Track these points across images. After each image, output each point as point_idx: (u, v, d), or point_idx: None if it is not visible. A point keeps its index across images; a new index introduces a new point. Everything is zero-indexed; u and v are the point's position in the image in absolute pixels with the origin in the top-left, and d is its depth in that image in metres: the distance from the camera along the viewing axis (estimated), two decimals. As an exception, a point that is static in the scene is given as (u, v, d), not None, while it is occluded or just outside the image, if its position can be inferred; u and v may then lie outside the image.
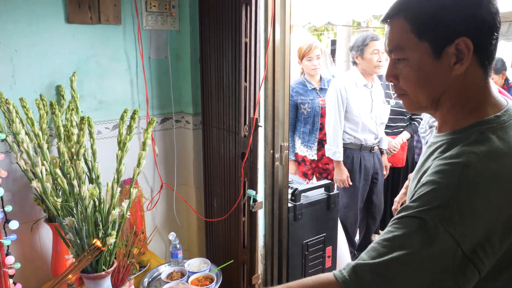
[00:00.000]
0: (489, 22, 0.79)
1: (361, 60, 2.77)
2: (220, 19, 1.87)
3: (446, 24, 0.79)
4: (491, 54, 0.82)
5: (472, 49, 0.79)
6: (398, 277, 0.74)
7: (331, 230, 2.30)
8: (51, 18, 1.74)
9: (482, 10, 0.78)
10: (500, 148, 0.76)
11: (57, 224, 1.52)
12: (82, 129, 1.33)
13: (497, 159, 0.75)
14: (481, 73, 0.83)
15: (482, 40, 0.80)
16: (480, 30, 0.79)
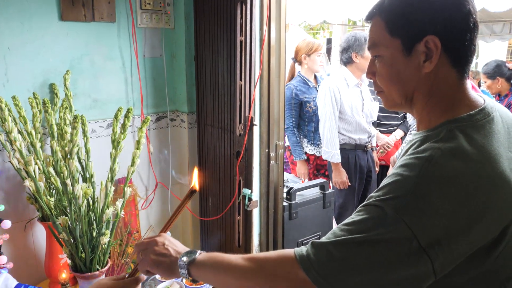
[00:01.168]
0: (459, 23, 0.80)
1: (361, 59, 2.74)
2: (215, 17, 1.86)
3: (416, 23, 0.81)
4: (464, 56, 0.83)
5: (440, 48, 0.81)
6: (351, 257, 0.76)
7: (326, 229, 2.31)
8: (44, 16, 1.72)
9: (451, 11, 0.80)
10: (465, 146, 0.77)
11: (51, 224, 1.51)
12: (75, 128, 1.32)
13: (460, 157, 0.76)
14: (454, 73, 0.84)
15: (452, 40, 0.81)
16: (450, 30, 0.80)
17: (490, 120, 0.83)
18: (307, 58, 3.04)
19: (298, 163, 3.13)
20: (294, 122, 3.04)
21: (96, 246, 1.43)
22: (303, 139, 3.12)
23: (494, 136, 0.81)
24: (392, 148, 3.11)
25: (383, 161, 3.15)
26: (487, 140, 0.79)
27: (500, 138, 0.82)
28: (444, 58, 0.82)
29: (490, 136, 0.81)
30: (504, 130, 0.84)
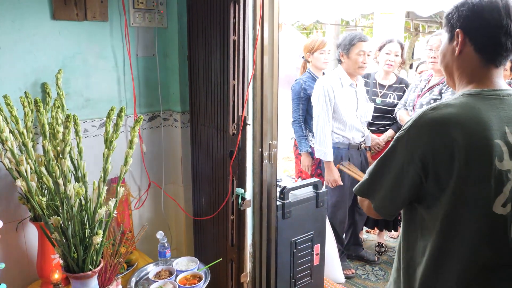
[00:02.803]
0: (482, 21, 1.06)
1: (346, 59, 2.78)
2: (208, 16, 1.86)
3: (452, 21, 1.12)
4: (488, 46, 1.07)
5: (462, 38, 1.09)
6: (374, 173, 1.17)
7: (319, 228, 2.31)
8: (36, 15, 1.71)
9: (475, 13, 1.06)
10: (454, 103, 1.06)
11: (43, 224, 1.50)
12: (67, 127, 1.31)
13: (442, 110, 1.05)
14: (477, 58, 1.09)
15: (474, 33, 1.08)
16: (472, 26, 1.07)
17: (499, 98, 1.06)
18: (311, 56, 3.10)
19: (302, 155, 3.18)
20: (301, 115, 3.10)
21: (89, 246, 1.42)
22: (308, 133, 3.16)
23: (494, 108, 1.04)
24: (383, 148, 3.12)
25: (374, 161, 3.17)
26: (485, 107, 1.04)
27: (500, 113, 1.04)
28: (469, 46, 1.09)
29: (491, 107, 1.04)
30: (502, 111, 1.04)
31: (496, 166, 1.01)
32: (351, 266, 3.06)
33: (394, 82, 3.17)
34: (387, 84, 3.17)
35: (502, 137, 1.02)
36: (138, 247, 2.13)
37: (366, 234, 3.71)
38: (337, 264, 2.78)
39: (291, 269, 2.20)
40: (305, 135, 3.14)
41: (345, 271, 2.92)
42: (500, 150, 1.01)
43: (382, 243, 3.43)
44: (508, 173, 1.02)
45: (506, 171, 1.02)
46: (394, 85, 3.16)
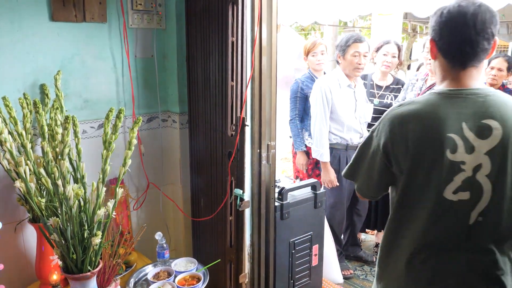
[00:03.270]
0: (438, 31, 1.21)
1: (343, 61, 2.79)
2: (207, 18, 1.86)
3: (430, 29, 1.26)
4: (454, 52, 1.20)
5: (433, 45, 1.24)
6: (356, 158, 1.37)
7: (317, 229, 2.32)
8: (35, 16, 1.72)
9: (439, 24, 1.20)
10: (417, 100, 1.22)
11: (41, 225, 1.50)
12: (66, 128, 1.32)
13: (405, 107, 1.22)
14: (446, 62, 1.22)
15: (441, 42, 1.21)
16: (439, 35, 1.21)
17: (462, 97, 1.18)
18: (307, 59, 3.19)
19: (297, 154, 3.23)
20: (297, 114, 3.17)
21: (88, 247, 1.42)
22: (304, 132, 3.20)
23: (455, 106, 1.16)
24: None
25: None
26: (445, 105, 1.17)
27: (460, 110, 1.16)
28: (438, 52, 1.23)
29: (451, 105, 1.17)
30: (472, 110, 1.15)
31: (448, 157, 1.14)
32: (349, 267, 3.07)
33: (391, 83, 3.19)
34: (384, 85, 3.18)
35: (458, 132, 1.14)
36: (137, 248, 2.13)
37: (364, 235, 3.71)
38: (336, 264, 2.78)
39: (289, 269, 2.20)
40: (301, 134, 3.20)
41: (344, 272, 2.93)
42: (453, 143, 1.13)
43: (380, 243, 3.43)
44: (461, 164, 1.14)
45: (459, 162, 1.14)
46: (391, 86, 3.18)
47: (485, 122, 1.13)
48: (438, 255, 1.20)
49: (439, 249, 1.20)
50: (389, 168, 1.24)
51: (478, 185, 1.14)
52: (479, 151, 1.13)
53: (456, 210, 1.16)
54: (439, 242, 1.20)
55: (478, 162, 1.13)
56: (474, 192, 1.15)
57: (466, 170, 1.14)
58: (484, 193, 1.14)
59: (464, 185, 1.14)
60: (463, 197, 1.15)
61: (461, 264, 1.19)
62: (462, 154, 1.13)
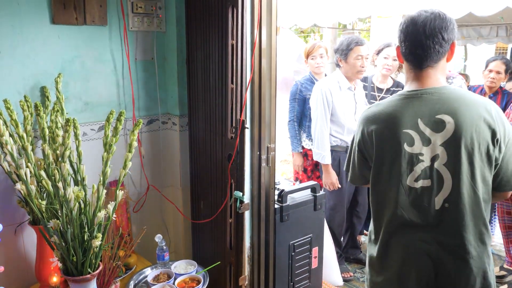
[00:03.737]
0: (399, 38, 1.39)
1: (345, 64, 2.79)
2: (207, 21, 1.87)
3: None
4: (410, 55, 1.37)
5: (398, 51, 1.43)
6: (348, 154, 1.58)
7: (317, 231, 2.32)
8: (35, 19, 1.72)
9: (399, 33, 1.39)
10: (383, 103, 1.42)
11: (42, 227, 1.51)
12: (67, 131, 1.32)
13: (373, 108, 1.44)
14: (407, 64, 1.41)
15: (401, 47, 1.40)
16: (400, 41, 1.39)
17: (417, 97, 1.35)
18: (307, 62, 3.26)
19: (294, 155, 3.27)
20: (296, 116, 3.20)
21: (88, 249, 1.43)
22: (302, 134, 3.24)
23: (411, 105, 1.34)
24: None
25: None
26: (402, 105, 1.36)
27: (415, 109, 1.33)
28: (402, 56, 1.41)
29: (407, 104, 1.35)
30: (427, 107, 1.32)
31: (406, 150, 1.33)
32: (349, 269, 3.07)
33: (391, 86, 3.19)
34: (385, 87, 3.19)
35: (414, 127, 1.32)
36: (137, 251, 2.13)
37: (364, 237, 3.72)
38: (335, 267, 2.78)
39: (289, 272, 2.20)
40: (298, 136, 3.22)
41: (343, 274, 2.93)
42: (409, 138, 1.32)
43: (380, 246, 3.43)
44: (419, 156, 1.32)
45: (417, 154, 1.32)
46: (392, 89, 3.18)
47: (438, 117, 1.30)
48: (410, 237, 1.38)
49: (411, 231, 1.37)
50: (365, 162, 1.48)
51: (437, 173, 1.31)
52: (434, 143, 1.30)
53: (421, 196, 1.34)
54: (411, 224, 1.37)
55: (435, 153, 1.31)
56: (434, 180, 1.32)
57: (425, 160, 1.32)
58: (445, 180, 1.31)
59: (424, 173, 1.33)
60: (425, 184, 1.33)
61: (432, 245, 1.35)
62: (419, 146, 1.32)
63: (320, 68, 3.19)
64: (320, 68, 3.19)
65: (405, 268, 1.40)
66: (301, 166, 3.25)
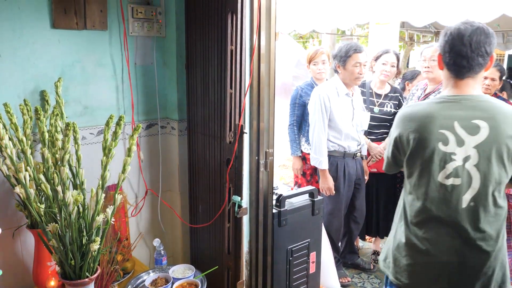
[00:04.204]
0: (443, 48, 1.52)
1: (343, 71, 2.81)
2: (206, 26, 1.89)
3: (439, 46, 1.56)
4: (452, 66, 1.50)
5: (440, 59, 1.56)
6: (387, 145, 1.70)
7: (315, 236, 2.32)
8: (36, 23, 1.73)
9: (441, 42, 1.54)
10: (421, 103, 1.56)
11: (40, 231, 1.51)
12: (67, 135, 1.33)
13: (411, 107, 1.57)
14: (448, 73, 1.53)
15: (444, 57, 1.53)
16: (443, 51, 1.53)
17: (455, 102, 1.48)
18: (309, 67, 3.30)
19: (293, 159, 3.31)
20: (295, 121, 3.24)
21: (86, 253, 1.43)
22: (302, 138, 3.27)
23: (447, 109, 1.47)
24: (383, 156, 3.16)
25: (374, 169, 3.19)
26: (439, 108, 1.49)
27: (452, 112, 1.46)
28: (444, 64, 1.54)
29: (444, 108, 1.48)
30: (464, 112, 1.45)
31: (440, 148, 1.45)
32: (347, 274, 3.07)
33: (389, 92, 3.22)
34: (383, 93, 3.21)
35: (450, 129, 1.44)
36: (135, 255, 2.13)
37: (362, 242, 3.72)
38: (333, 272, 2.78)
39: (287, 277, 2.20)
40: (297, 140, 3.26)
41: (341, 279, 2.93)
42: (445, 138, 1.44)
43: (377, 251, 3.44)
44: (452, 155, 1.44)
45: (450, 153, 1.45)
46: (390, 94, 3.21)
47: (474, 122, 1.43)
48: (437, 231, 1.50)
49: (438, 225, 1.50)
50: (398, 156, 1.61)
51: (467, 173, 1.44)
52: (468, 145, 1.43)
53: (451, 193, 1.46)
54: (438, 219, 1.49)
55: (467, 154, 1.43)
56: (464, 178, 1.44)
57: (457, 160, 1.44)
58: (473, 180, 1.43)
59: (455, 172, 1.44)
60: (455, 182, 1.45)
61: (457, 240, 1.48)
62: (453, 146, 1.44)
63: (322, 74, 3.21)
64: (322, 74, 3.21)
65: (430, 259, 1.52)
66: (300, 169, 3.28)
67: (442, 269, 1.51)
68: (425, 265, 1.53)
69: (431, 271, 1.53)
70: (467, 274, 1.49)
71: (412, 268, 1.57)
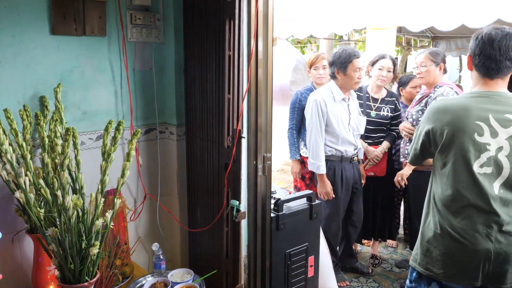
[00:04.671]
0: (473, 50, 1.63)
1: (343, 76, 2.83)
2: (204, 32, 1.91)
3: (469, 49, 1.67)
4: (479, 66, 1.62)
5: (469, 60, 1.66)
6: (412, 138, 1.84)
7: (313, 240, 2.33)
8: (35, 29, 1.75)
9: (472, 44, 1.64)
10: (453, 97, 1.82)
11: (39, 235, 1.52)
12: (67, 140, 1.34)
13: (443, 101, 1.69)
14: (477, 74, 1.64)
15: (474, 58, 1.64)
16: (473, 53, 1.64)
17: (487, 97, 1.59)
18: (310, 72, 3.35)
19: (292, 163, 3.33)
20: (295, 125, 3.27)
21: (85, 257, 1.44)
22: (301, 141, 3.28)
23: (480, 102, 1.58)
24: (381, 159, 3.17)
25: (371, 172, 3.21)
26: (473, 101, 1.59)
27: (486, 105, 1.56)
28: (473, 66, 1.65)
29: (476, 101, 1.59)
30: (496, 106, 1.56)
31: (476, 139, 1.55)
32: (345, 278, 3.08)
33: (385, 96, 3.24)
34: (380, 97, 3.23)
35: (485, 121, 1.54)
36: (133, 259, 2.14)
37: (361, 246, 3.73)
38: (332, 276, 2.79)
39: (285, 281, 2.21)
40: (296, 143, 3.28)
41: (340, 283, 2.93)
42: (480, 129, 1.54)
43: (376, 255, 3.45)
44: (486, 145, 1.54)
45: (485, 143, 1.54)
46: (386, 99, 3.23)
47: (506, 116, 1.54)
48: (472, 219, 1.57)
49: (473, 212, 1.57)
50: (428, 147, 1.70)
51: (499, 162, 1.54)
52: (501, 136, 1.53)
53: (483, 180, 1.54)
54: (474, 206, 1.56)
55: (500, 145, 1.53)
56: (495, 167, 1.54)
57: (491, 150, 1.54)
58: (504, 169, 1.53)
59: (488, 161, 1.54)
60: (487, 171, 1.55)
61: (491, 228, 1.55)
62: (487, 137, 1.54)
63: (322, 79, 3.24)
64: (322, 79, 3.24)
65: (466, 247, 1.58)
66: (299, 173, 3.30)
67: (477, 257, 1.56)
68: (460, 253, 1.59)
69: (466, 259, 1.58)
70: (500, 261, 1.55)
71: (446, 257, 1.63)
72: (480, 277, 1.58)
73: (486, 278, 1.58)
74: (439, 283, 1.67)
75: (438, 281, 1.67)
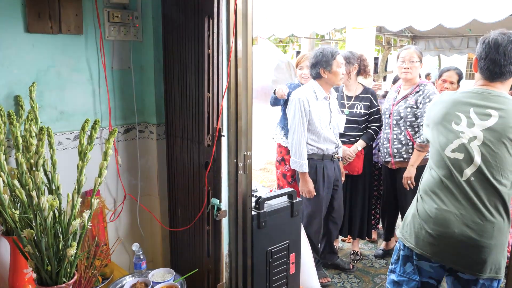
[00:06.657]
0: (479, 53, 1.72)
1: (329, 74, 2.84)
2: (183, 30, 1.90)
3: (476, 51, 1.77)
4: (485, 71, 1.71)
5: (475, 63, 1.76)
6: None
7: (294, 237, 2.35)
8: (9, 28, 1.72)
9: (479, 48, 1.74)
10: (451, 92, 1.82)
11: (15, 237, 1.49)
12: (41, 140, 1.32)
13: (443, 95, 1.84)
14: (481, 75, 1.74)
15: (480, 61, 1.73)
16: (479, 57, 1.73)
17: (477, 93, 1.71)
18: (296, 71, 3.42)
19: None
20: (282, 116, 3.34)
21: (63, 259, 1.41)
22: (281, 130, 3.33)
23: (469, 97, 1.71)
24: (354, 158, 3.20)
25: (346, 171, 3.25)
26: (463, 96, 1.73)
27: (471, 100, 1.70)
28: (478, 68, 1.74)
29: (465, 96, 1.72)
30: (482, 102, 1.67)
31: (453, 127, 1.70)
32: (327, 274, 3.11)
33: (360, 93, 3.27)
34: (353, 95, 3.26)
35: (464, 112, 1.69)
36: (114, 260, 2.11)
37: (342, 243, 3.77)
38: (313, 272, 2.81)
39: (267, 278, 2.22)
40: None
41: (321, 280, 2.96)
42: (458, 118, 1.70)
43: (357, 251, 3.49)
44: (460, 133, 1.68)
45: (459, 131, 1.68)
46: (361, 96, 3.25)
47: (487, 111, 1.65)
48: (445, 195, 1.70)
49: (446, 191, 1.70)
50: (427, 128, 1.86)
51: (470, 150, 1.65)
52: (477, 127, 1.65)
53: (453, 164, 1.69)
54: (445, 186, 1.71)
55: (474, 135, 1.65)
56: (466, 154, 1.66)
57: (463, 138, 1.67)
58: (475, 157, 1.64)
59: (459, 148, 1.68)
60: (458, 156, 1.68)
61: (461, 203, 1.67)
62: (463, 127, 1.68)
63: (307, 79, 3.24)
64: (307, 79, 3.24)
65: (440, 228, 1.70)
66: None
67: (450, 239, 1.68)
68: (432, 234, 1.72)
69: (437, 241, 1.71)
70: (469, 246, 1.65)
71: (419, 233, 1.77)
72: (450, 260, 1.71)
73: (455, 261, 1.70)
74: (412, 263, 1.83)
75: (411, 262, 1.83)
